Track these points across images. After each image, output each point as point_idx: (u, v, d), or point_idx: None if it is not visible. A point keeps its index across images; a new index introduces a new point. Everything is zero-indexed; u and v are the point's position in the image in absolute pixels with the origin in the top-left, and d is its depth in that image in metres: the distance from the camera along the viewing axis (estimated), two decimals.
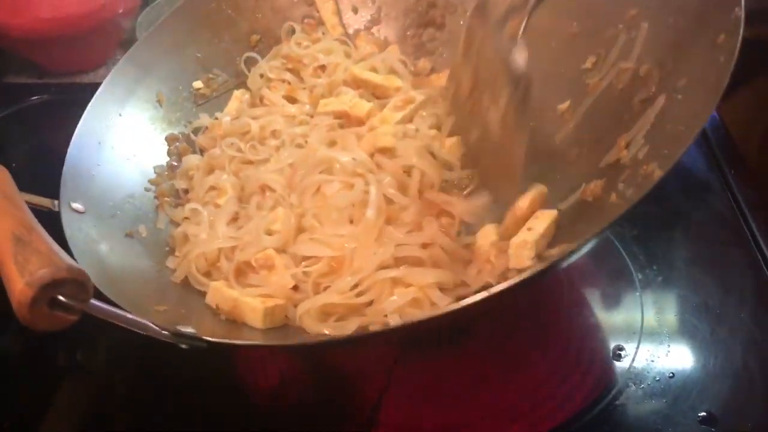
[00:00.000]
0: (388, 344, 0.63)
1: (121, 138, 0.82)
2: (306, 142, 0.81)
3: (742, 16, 0.59)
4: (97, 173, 0.78)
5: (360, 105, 0.84)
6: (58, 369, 0.75)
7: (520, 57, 0.66)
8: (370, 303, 0.62)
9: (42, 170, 0.67)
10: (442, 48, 0.96)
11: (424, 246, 0.65)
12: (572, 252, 0.56)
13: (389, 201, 0.70)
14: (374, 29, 0.99)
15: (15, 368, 0.76)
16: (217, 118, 0.89)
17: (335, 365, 0.71)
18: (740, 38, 0.58)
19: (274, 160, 0.80)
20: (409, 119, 0.82)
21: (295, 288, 0.65)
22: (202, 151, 0.87)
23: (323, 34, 0.97)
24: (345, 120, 0.84)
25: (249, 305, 0.64)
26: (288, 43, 0.94)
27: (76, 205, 0.72)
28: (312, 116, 0.87)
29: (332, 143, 0.79)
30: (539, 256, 0.64)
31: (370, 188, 0.69)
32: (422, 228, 0.69)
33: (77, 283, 0.51)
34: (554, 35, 0.85)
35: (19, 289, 0.49)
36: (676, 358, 0.69)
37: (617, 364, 0.69)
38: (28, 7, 1.02)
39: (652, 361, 0.69)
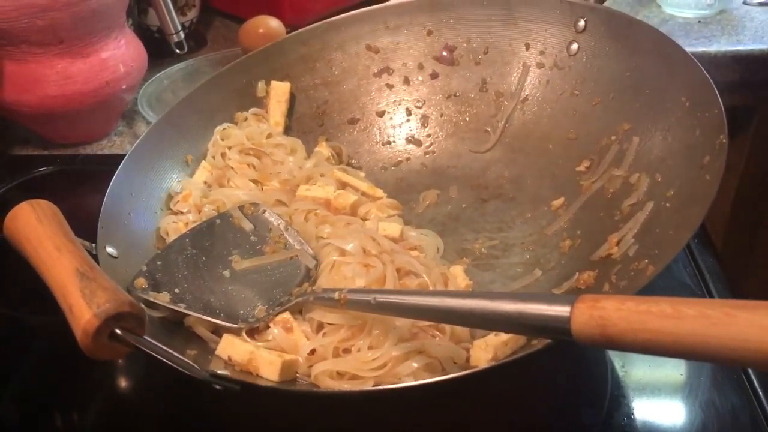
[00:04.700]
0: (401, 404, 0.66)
1: (150, 192, 0.87)
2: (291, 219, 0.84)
3: (726, 142, 0.68)
4: (128, 222, 0.82)
5: (345, 195, 0.87)
6: (56, 431, 0.75)
7: None
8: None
9: None
10: None
11: None
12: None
13: (407, 274, 0.75)
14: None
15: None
16: (181, 190, 0.89)
17: None
18: (724, 161, 0.66)
19: None
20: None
21: (312, 351, 0.68)
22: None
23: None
24: (325, 208, 0.86)
25: (266, 359, 0.67)
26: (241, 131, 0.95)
27: (110, 249, 0.76)
28: (283, 202, 0.88)
29: (322, 224, 0.83)
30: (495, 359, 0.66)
31: (387, 268, 0.73)
32: None
33: (136, 318, 0.56)
34: (552, 138, 0.95)
35: (87, 319, 0.54)
36: (642, 419, 0.74)
37: (586, 426, 0.74)
38: (37, 84, 1.06)
39: (618, 425, 0.74)
